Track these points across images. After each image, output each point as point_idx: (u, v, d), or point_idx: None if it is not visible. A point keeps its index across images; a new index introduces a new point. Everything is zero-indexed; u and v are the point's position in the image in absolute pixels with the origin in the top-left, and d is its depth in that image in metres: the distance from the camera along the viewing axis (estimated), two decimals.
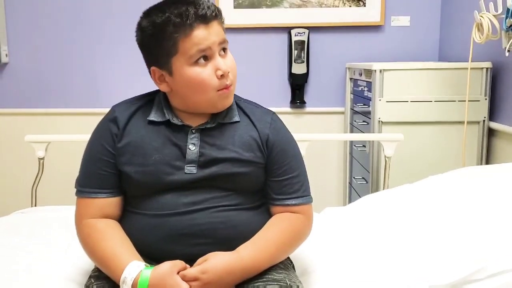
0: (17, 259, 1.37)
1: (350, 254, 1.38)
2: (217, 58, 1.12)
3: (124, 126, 1.17)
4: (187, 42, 1.09)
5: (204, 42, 1.10)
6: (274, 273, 1.14)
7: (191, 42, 1.09)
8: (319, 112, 2.99)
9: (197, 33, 1.09)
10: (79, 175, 1.21)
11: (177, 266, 1.06)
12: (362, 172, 2.60)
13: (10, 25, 2.92)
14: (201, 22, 1.10)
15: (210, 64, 1.12)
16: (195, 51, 1.10)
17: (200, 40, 1.09)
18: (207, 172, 1.15)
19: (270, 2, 2.86)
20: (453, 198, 1.52)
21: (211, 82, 1.12)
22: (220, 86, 1.13)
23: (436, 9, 2.88)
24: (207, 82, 1.12)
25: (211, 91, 1.13)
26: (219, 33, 1.13)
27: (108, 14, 2.92)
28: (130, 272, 1.05)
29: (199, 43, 1.09)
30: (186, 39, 1.09)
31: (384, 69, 2.29)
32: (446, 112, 2.30)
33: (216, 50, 1.12)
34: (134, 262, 1.07)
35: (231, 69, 1.15)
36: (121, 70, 2.95)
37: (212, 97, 1.14)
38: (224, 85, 1.13)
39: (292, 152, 1.23)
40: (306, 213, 1.22)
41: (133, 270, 1.05)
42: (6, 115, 3.01)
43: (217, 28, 1.13)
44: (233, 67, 1.16)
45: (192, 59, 1.10)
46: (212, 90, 1.13)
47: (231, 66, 1.15)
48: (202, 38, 1.10)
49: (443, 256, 1.24)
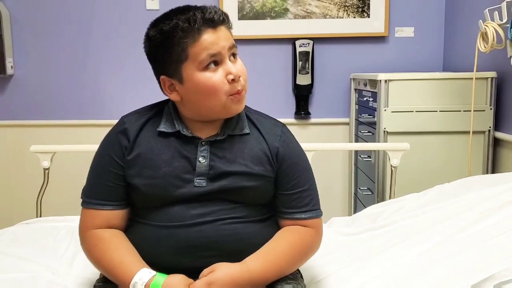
0: (22, 269, 1.36)
1: (356, 264, 1.37)
2: (228, 63, 1.11)
3: (134, 138, 1.16)
4: (196, 47, 1.09)
5: (213, 47, 1.09)
6: (284, 284, 1.13)
7: (201, 47, 1.09)
8: (324, 123, 2.99)
9: (205, 38, 1.09)
10: (86, 185, 1.20)
11: (190, 281, 1.06)
12: (368, 183, 2.59)
13: (16, 38, 2.94)
14: (209, 26, 1.09)
15: (221, 68, 1.11)
16: (205, 55, 1.09)
17: (209, 45, 1.09)
18: (217, 185, 1.14)
19: (275, 13, 2.87)
20: (460, 207, 1.51)
21: (222, 87, 1.11)
22: (232, 91, 1.12)
23: (440, 19, 2.89)
24: (219, 87, 1.11)
25: (223, 96, 1.11)
26: (228, 38, 1.12)
27: (113, 26, 2.94)
28: (141, 277, 1.04)
29: (209, 47, 1.09)
30: (195, 44, 1.08)
31: (389, 79, 2.30)
32: (451, 122, 2.29)
33: (226, 54, 1.11)
34: (145, 269, 1.06)
35: (242, 73, 1.14)
36: (126, 81, 2.96)
37: (224, 102, 1.12)
38: (236, 90, 1.12)
39: (302, 165, 1.22)
40: (315, 227, 1.21)
41: (145, 275, 1.04)
42: (11, 126, 3.02)
43: (226, 33, 1.12)
44: (243, 72, 1.15)
45: (202, 64, 1.10)
46: (224, 95, 1.11)
47: (242, 71, 1.14)
48: (211, 43, 1.09)
49: (451, 264, 1.23)
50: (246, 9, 2.86)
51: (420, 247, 1.36)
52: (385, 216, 1.67)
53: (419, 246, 1.37)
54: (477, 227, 1.37)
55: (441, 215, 1.51)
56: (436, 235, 1.40)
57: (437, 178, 2.08)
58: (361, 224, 1.68)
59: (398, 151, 2.01)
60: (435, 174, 2.29)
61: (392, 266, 1.31)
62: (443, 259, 1.27)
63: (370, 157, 2.53)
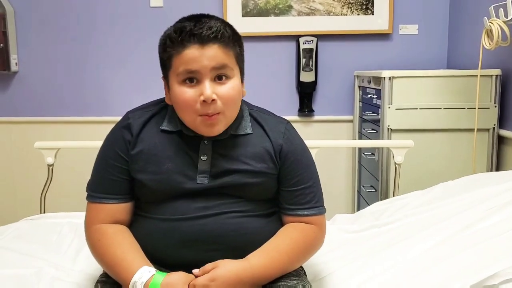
0: (26, 265, 1.37)
1: (359, 261, 1.37)
2: (205, 83, 1.07)
3: (138, 133, 1.16)
4: (177, 60, 1.08)
5: (192, 64, 1.06)
6: (288, 280, 1.13)
7: (181, 60, 1.07)
8: (327, 121, 2.99)
9: (188, 52, 1.06)
10: (91, 180, 1.21)
11: (190, 277, 1.05)
12: (371, 180, 2.58)
13: (20, 34, 2.95)
14: (196, 42, 1.06)
15: (198, 87, 1.08)
16: (182, 70, 1.08)
17: (189, 60, 1.06)
18: (219, 182, 1.14)
19: (278, 11, 2.87)
20: (464, 204, 1.51)
21: (193, 105, 1.08)
22: (202, 112, 1.08)
23: (444, 17, 2.88)
24: (188, 104, 1.08)
25: (193, 114, 1.10)
26: (215, 58, 1.07)
27: (117, 23, 2.94)
28: (140, 276, 1.04)
29: (188, 63, 1.07)
30: (178, 56, 1.08)
31: (393, 76, 2.29)
32: (455, 119, 2.29)
33: (206, 74, 1.07)
34: (145, 267, 1.06)
35: (222, 98, 1.08)
36: (130, 78, 2.96)
37: (194, 120, 1.10)
38: (205, 112, 1.08)
39: (306, 162, 1.21)
40: (318, 224, 1.21)
41: (144, 275, 1.04)
42: (16, 123, 3.03)
43: (216, 52, 1.07)
44: (228, 97, 1.09)
45: (180, 77, 1.09)
46: (194, 113, 1.09)
47: (225, 95, 1.09)
48: (191, 59, 1.06)
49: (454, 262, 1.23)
50: (250, 6, 2.86)
51: (424, 245, 1.36)
52: (389, 214, 1.67)
53: (422, 243, 1.37)
54: (481, 225, 1.37)
55: (445, 213, 1.51)
56: (439, 232, 1.40)
57: (441, 175, 2.07)
58: (364, 222, 1.68)
59: (402, 148, 2.01)
60: (439, 171, 2.28)
61: (395, 263, 1.30)
62: (447, 256, 1.27)
63: (373, 154, 2.53)
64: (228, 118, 1.13)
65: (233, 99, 1.11)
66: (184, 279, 1.04)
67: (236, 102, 1.13)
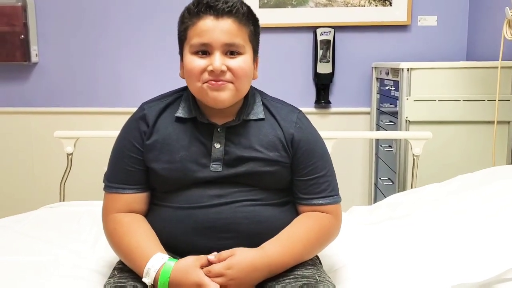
0: (45, 252, 1.39)
1: (376, 252, 1.36)
2: (215, 55, 1.09)
3: (153, 123, 1.18)
4: (192, 31, 1.11)
5: (205, 36, 1.09)
6: (304, 269, 1.13)
7: (195, 32, 1.10)
8: (344, 112, 2.97)
9: (202, 24, 1.09)
10: (107, 170, 1.22)
11: (200, 260, 1.06)
12: (388, 173, 2.57)
13: (40, 26, 2.98)
14: (211, 14, 1.09)
15: (209, 59, 1.10)
16: (196, 41, 1.10)
17: (203, 32, 1.09)
18: (233, 170, 1.15)
19: (296, 2, 2.85)
20: (483, 197, 1.49)
21: (199, 74, 1.10)
22: (208, 79, 1.10)
23: (464, 7, 2.84)
24: (196, 72, 1.10)
25: (198, 82, 1.11)
26: (229, 32, 1.09)
27: (135, 16, 2.95)
28: (153, 264, 1.05)
29: (201, 35, 1.09)
30: (193, 27, 1.11)
31: (412, 67, 2.27)
32: (474, 111, 2.26)
33: (218, 48, 1.09)
34: (159, 254, 1.07)
35: (233, 70, 1.10)
36: (150, 70, 2.98)
37: (200, 88, 1.12)
38: (212, 77, 1.10)
39: (319, 151, 1.21)
40: (333, 213, 1.20)
41: (157, 262, 1.05)
42: (36, 113, 3.07)
43: (230, 27, 1.09)
44: (238, 69, 1.10)
45: (193, 48, 1.11)
46: (199, 82, 1.11)
47: (235, 67, 1.10)
48: (205, 31, 1.09)
49: (471, 255, 1.22)
50: None
51: (441, 238, 1.35)
52: (406, 206, 1.66)
53: (439, 236, 1.36)
54: (500, 218, 1.35)
55: (463, 206, 1.50)
56: (457, 225, 1.39)
57: (459, 168, 2.05)
58: (381, 213, 1.67)
59: (420, 140, 1.99)
60: (457, 164, 2.26)
61: (412, 256, 1.30)
62: (464, 249, 1.26)
63: (391, 146, 2.51)
64: (237, 91, 1.13)
65: (244, 72, 1.12)
66: (195, 262, 1.05)
67: (247, 76, 1.14)
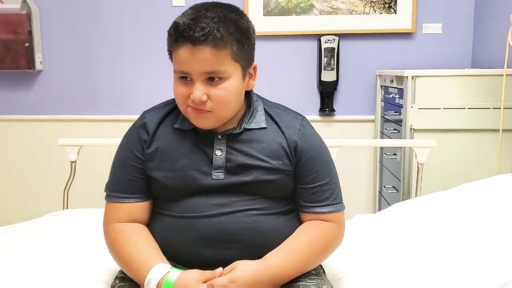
0: (49, 259, 1.39)
1: (380, 261, 1.35)
2: (196, 85, 1.07)
3: (153, 132, 1.17)
4: (174, 56, 1.09)
5: (184, 65, 1.07)
6: (307, 280, 1.12)
7: (176, 59, 1.09)
8: (348, 120, 2.96)
9: (181, 52, 1.06)
10: (109, 179, 1.21)
11: (204, 275, 1.05)
12: (393, 181, 2.55)
13: (45, 34, 3.00)
14: (188, 42, 1.04)
15: (191, 86, 1.08)
16: (177, 68, 1.09)
17: (181, 61, 1.07)
18: (235, 179, 1.14)
19: (300, 9, 2.86)
20: (489, 205, 1.48)
21: (183, 99, 1.10)
22: (191, 104, 1.09)
23: (469, 15, 2.83)
24: (179, 97, 1.11)
25: (183, 105, 1.11)
26: (207, 61, 1.05)
27: (140, 22, 2.96)
28: (155, 274, 1.04)
29: (180, 63, 1.07)
30: (174, 53, 1.09)
31: (416, 75, 2.26)
32: (480, 119, 2.25)
33: (198, 76, 1.07)
34: (160, 265, 1.06)
35: (214, 99, 1.08)
36: (153, 79, 2.99)
37: (185, 110, 1.12)
38: (194, 105, 1.09)
39: (322, 158, 1.19)
40: (337, 221, 1.19)
41: (158, 273, 1.04)
42: (40, 121, 3.08)
43: (207, 55, 1.04)
44: (219, 98, 1.08)
45: (176, 73, 1.10)
46: (183, 105, 1.11)
47: (216, 96, 1.08)
48: (183, 60, 1.06)
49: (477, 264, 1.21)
50: (271, 5, 2.86)
51: (446, 246, 1.34)
52: (411, 214, 1.64)
53: (445, 245, 1.35)
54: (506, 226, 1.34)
55: (468, 214, 1.48)
56: (463, 234, 1.37)
57: (465, 176, 2.04)
58: (385, 222, 1.66)
59: (425, 148, 1.98)
60: (462, 172, 2.24)
61: (417, 265, 1.28)
62: (470, 258, 1.24)
63: (395, 154, 2.50)
64: (219, 117, 1.12)
65: (224, 100, 1.09)
66: (198, 277, 1.04)
67: (229, 102, 1.11)
